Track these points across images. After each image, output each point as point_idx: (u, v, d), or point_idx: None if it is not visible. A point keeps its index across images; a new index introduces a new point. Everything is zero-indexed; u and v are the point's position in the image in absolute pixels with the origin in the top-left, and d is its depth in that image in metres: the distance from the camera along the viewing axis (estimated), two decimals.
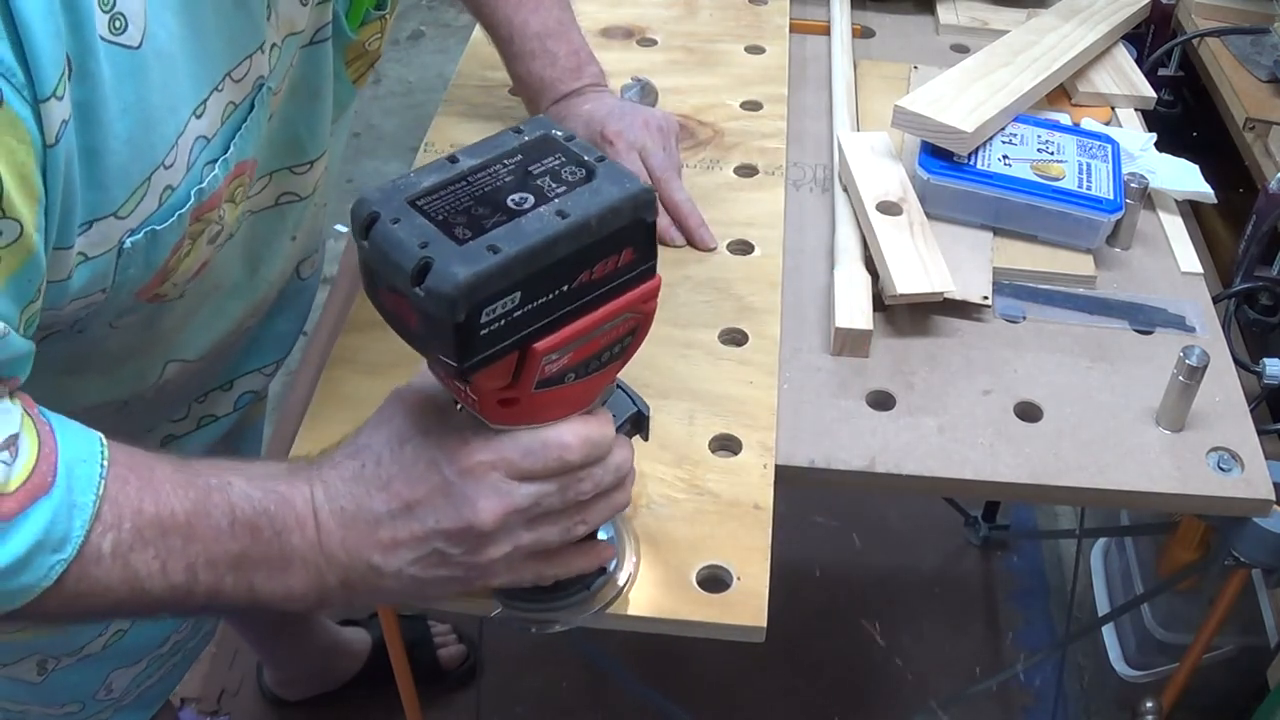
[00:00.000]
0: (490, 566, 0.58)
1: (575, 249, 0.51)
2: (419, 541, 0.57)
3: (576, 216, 0.51)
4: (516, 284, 0.49)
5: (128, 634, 0.92)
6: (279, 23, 0.65)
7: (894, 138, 1.04)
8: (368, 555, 0.57)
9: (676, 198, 0.98)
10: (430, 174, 0.53)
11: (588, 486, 0.59)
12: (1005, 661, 1.67)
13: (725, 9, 1.29)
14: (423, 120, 2.21)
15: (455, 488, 0.56)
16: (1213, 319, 0.94)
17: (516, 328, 0.51)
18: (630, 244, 0.53)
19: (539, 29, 1.00)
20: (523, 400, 0.54)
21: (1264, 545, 0.82)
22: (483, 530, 0.56)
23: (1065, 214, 0.96)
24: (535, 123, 0.56)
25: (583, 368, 0.56)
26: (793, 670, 1.63)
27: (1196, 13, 1.29)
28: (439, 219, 0.50)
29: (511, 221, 0.50)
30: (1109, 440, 0.83)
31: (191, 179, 0.60)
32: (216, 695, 1.61)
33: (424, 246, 0.49)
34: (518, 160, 0.54)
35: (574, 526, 0.60)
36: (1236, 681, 1.29)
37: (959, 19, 1.30)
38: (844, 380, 0.88)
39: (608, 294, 0.54)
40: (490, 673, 1.61)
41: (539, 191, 0.52)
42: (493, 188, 0.52)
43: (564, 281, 0.51)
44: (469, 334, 0.49)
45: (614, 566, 0.71)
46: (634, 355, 0.59)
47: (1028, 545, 1.83)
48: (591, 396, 0.59)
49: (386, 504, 0.56)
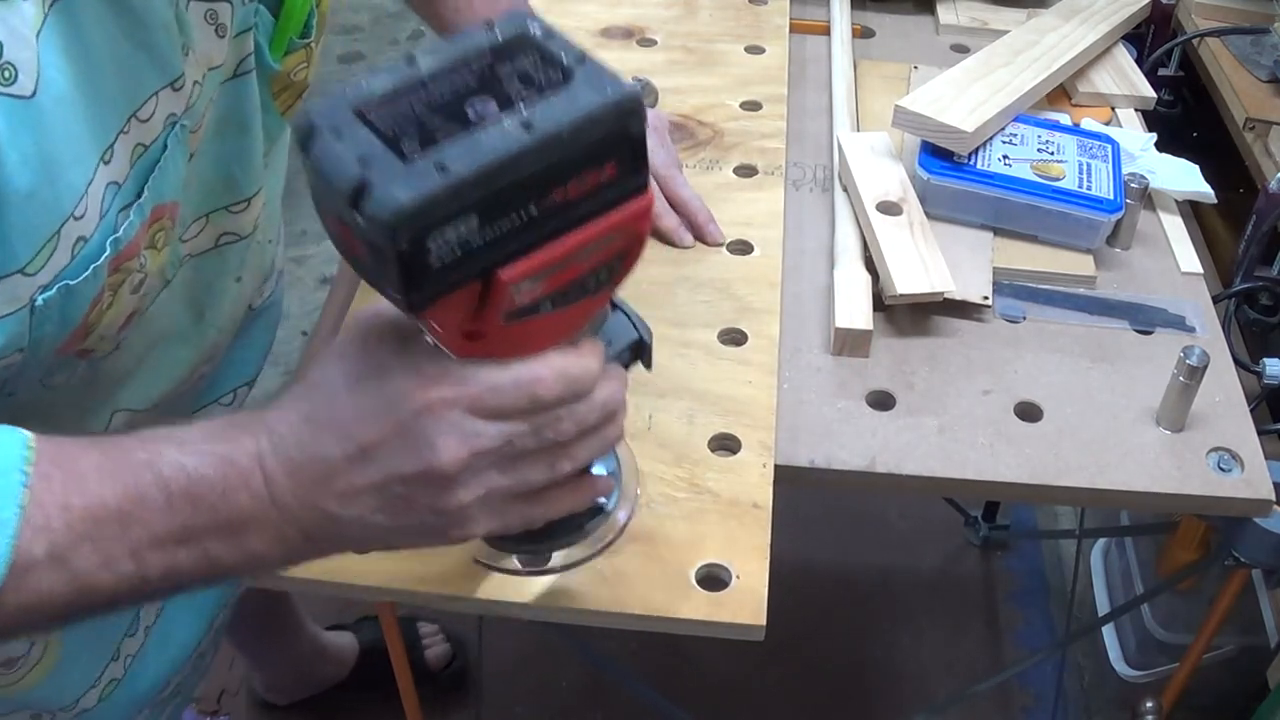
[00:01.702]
0: (463, 512, 0.53)
1: (543, 166, 0.44)
2: (377, 488, 0.51)
3: (545, 128, 0.44)
4: (471, 206, 0.43)
5: (123, 682, 0.87)
6: (196, 59, 0.63)
7: (894, 138, 1.04)
8: (324, 504, 0.52)
9: (683, 194, 0.98)
10: (384, 78, 0.46)
11: (568, 426, 0.53)
12: (1005, 661, 1.67)
13: (725, 9, 1.29)
14: None
15: (413, 427, 0.50)
16: (1213, 319, 0.94)
17: (476, 255, 0.45)
18: (613, 158, 0.46)
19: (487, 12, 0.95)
20: (490, 333, 0.49)
21: (1264, 545, 0.82)
22: (444, 472, 0.51)
23: (1065, 214, 0.96)
24: (511, 17, 0.48)
25: (560, 296, 0.50)
26: (792, 670, 1.63)
27: (1196, 13, 1.29)
28: (386, 132, 0.44)
29: (469, 134, 0.44)
30: (1109, 440, 0.83)
31: (105, 228, 0.57)
32: (216, 695, 1.61)
33: (364, 165, 0.43)
34: (486, 62, 0.47)
35: (557, 465, 0.55)
36: (1236, 681, 1.29)
37: (959, 19, 1.30)
38: (844, 380, 0.88)
39: (588, 214, 0.48)
40: (490, 673, 1.61)
41: (505, 98, 0.45)
42: (453, 94, 0.46)
43: (532, 202, 0.45)
44: (416, 265, 0.43)
45: (613, 503, 0.65)
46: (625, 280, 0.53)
47: (1028, 545, 1.83)
48: (574, 327, 0.53)
49: (340, 448, 0.51)
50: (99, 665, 0.84)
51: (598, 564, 0.72)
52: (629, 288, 0.93)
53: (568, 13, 1.27)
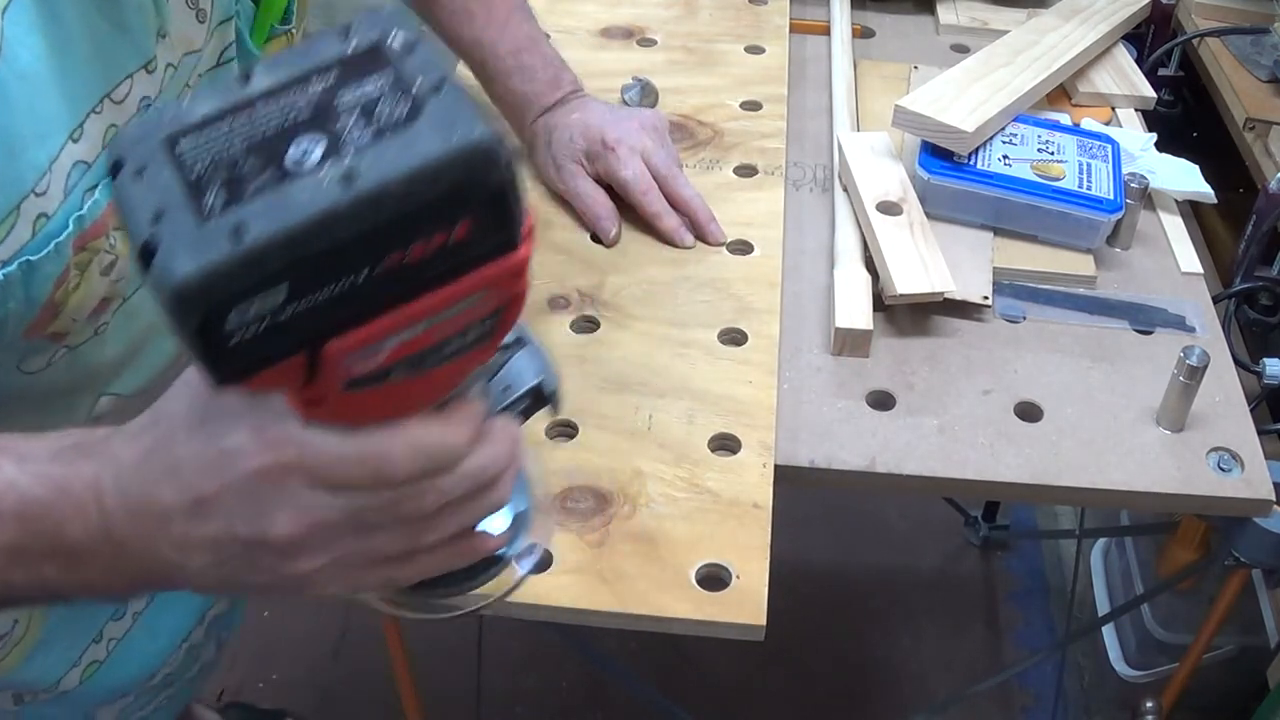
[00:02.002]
0: (311, 578, 0.48)
1: (367, 228, 0.36)
2: (215, 544, 0.46)
3: (368, 184, 0.36)
4: (275, 277, 0.36)
5: (105, 665, 0.87)
6: (174, 42, 0.63)
7: (894, 138, 1.04)
8: (161, 550, 0.47)
9: (685, 193, 0.98)
10: (211, 98, 0.39)
11: (428, 500, 0.47)
12: (1005, 661, 1.67)
13: (725, 9, 1.29)
14: None
15: (249, 490, 0.45)
16: (1213, 319, 0.94)
17: (289, 329, 0.37)
18: (466, 215, 0.38)
19: (511, 46, 0.99)
20: (330, 401, 0.41)
21: (1264, 545, 0.82)
22: (279, 545, 0.45)
23: (1065, 214, 0.96)
24: (372, 19, 0.40)
25: (416, 361, 0.42)
26: (792, 669, 1.64)
27: (1196, 13, 1.29)
28: (194, 173, 0.37)
29: (280, 186, 0.36)
30: (1109, 440, 0.83)
31: (70, 206, 0.56)
32: (217, 695, 1.61)
33: (156, 220, 0.36)
34: (329, 82, 0.39)
35: (418, 537, 0.48)
36: (1236, 681, 1.29)
37: (959, 19, 1.30)
38: (844, 380, 0.88)
39: (440, 276, 0.39)
40: (490, 673, 1.61)
41: (336, 137, 0.37)
42: (278, 127, 0.38)
43: (359, 268, 0.37)
44: (212, 342, 0.37)
45: (516, 548, 0.57)
46: (502, 339, 0.45)
47: (1028, 545, 1.83)
48: (442, 390, 0.45)
49: (175, 496, 0.45)
50: (80, 646, 0.85)
51: (598, 564, 0.73)
52: (630, 287, 0.94)
53: (568, 13, 1.27)
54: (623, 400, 0.84)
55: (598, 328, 0.90)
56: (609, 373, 0.86)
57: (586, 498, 0.77)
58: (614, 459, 0.79)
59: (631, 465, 0.79)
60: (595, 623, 0.71)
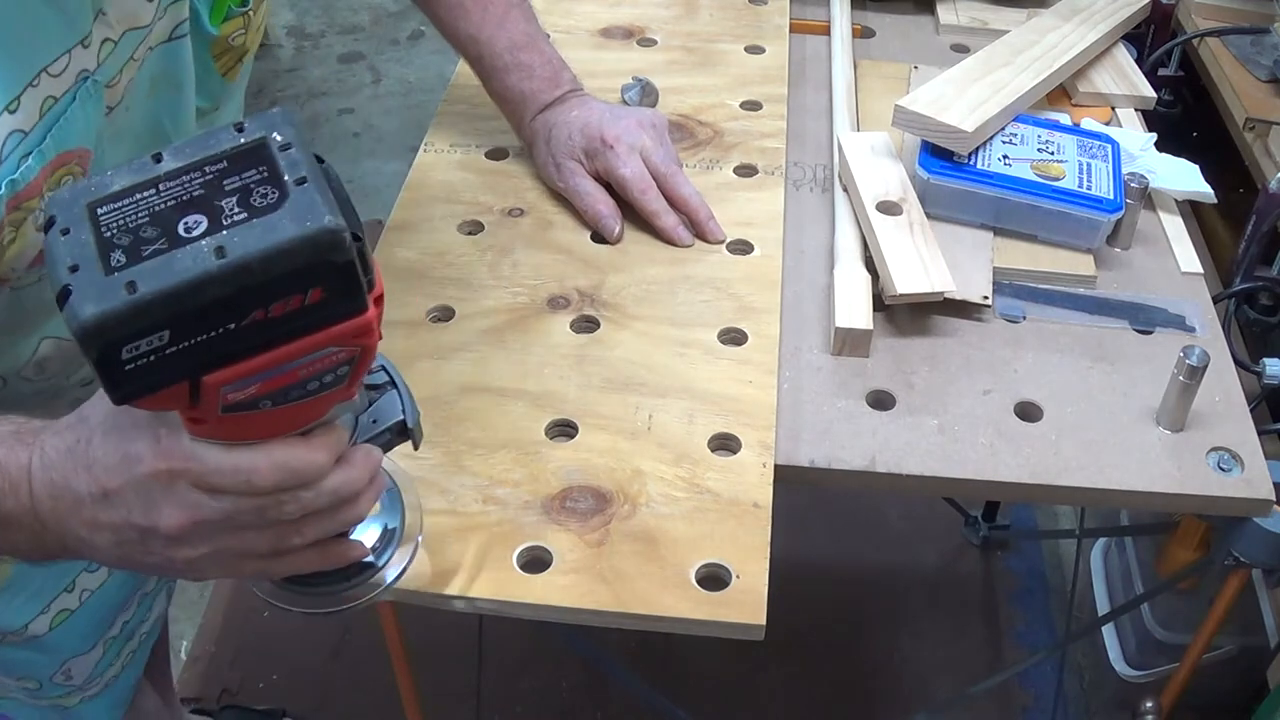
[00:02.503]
0: (194, 564, 0.58)
1: (233, 290, 0.46)
2: (115, 528, 0.56)
3: (235, 257, 0.46)
4: (159, 324, 0.46)
5: (76, 613, 0.92)
6: (116, 18, 0.66)
7: (894, 137, 1.04)
8: (74, 528, 0.57)
9: (684, 192, 0.98)
10: (128, 174, 0.49)
11: (291, 509, 0.57)
12: (1005, 661, 1.67)
13: (725, 9, 1.29)
14: (422, 120, 2.21)
15: (145, 488, 0.55)
16: (1213, 319, 0.94)
17: (172, 363, 0.48)
18: (317, 285, 0.48)
19: (508, 43, 1.00)
20: (210, 422, 0.52)
21: (1264, 545, 0.82)
22: (167, 534, 0.56)
23: (1065, 214, 0.96)
24: (262, 120, 0.50)
25: (281, 395, 0.52)
26: (792, 669, 1.64)
27: (1196, 13, 1.29)
28: (106, 235, 0.47)
29: (169, 253, 0.46)
30: (1109, 440, 0.83)
31: (5, 171, 0.60)
32: (217, 695, 1.61)
33: (73, 271, 0.46)
34: (220, 168, 0.49)
35: (285, 538, 0.58)
36: (1236, 681, 1.29)
37: (959, 19, 1.30)
38: (844, 380, 0.88)
39: (299, 329, 0.49)
40: (490, 673, 1.61)
41: (216, 215, 0.47)
42: (175, 202, 0.48)
43: (229, 320, 0.47)
44: (110, 369, 0.47)
45: (386, 559, 0.68)
46: (357, 383, 0.55)
47: (1028, 545, 1.83)
48: (307, 419, 0.55)
49: (87, 486, 0.56)
50: (50, 593, 0.89)
51: (598, 564, 0.73)
52: (630, 287, 0.94)
53: (568, 13, 1.27)
54: (622, 400, 0.84)
55: (597, 327, 0.90)
56: (609, 373, 0.86)
57: (586, 498, 0.77)
58: (614, 459, 0.79)
59: (631, 465, 0.79)
60: (595, 623, 0.71)
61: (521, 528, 0.75)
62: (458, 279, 0.94)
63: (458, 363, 0.87)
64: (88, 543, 0.57)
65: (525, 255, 0.97)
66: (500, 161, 1.08)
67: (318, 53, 3.06)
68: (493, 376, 0.86)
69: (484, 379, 0.86)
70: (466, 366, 0.87)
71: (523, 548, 0.74)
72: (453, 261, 0.96)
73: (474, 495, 0.77)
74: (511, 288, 0.94)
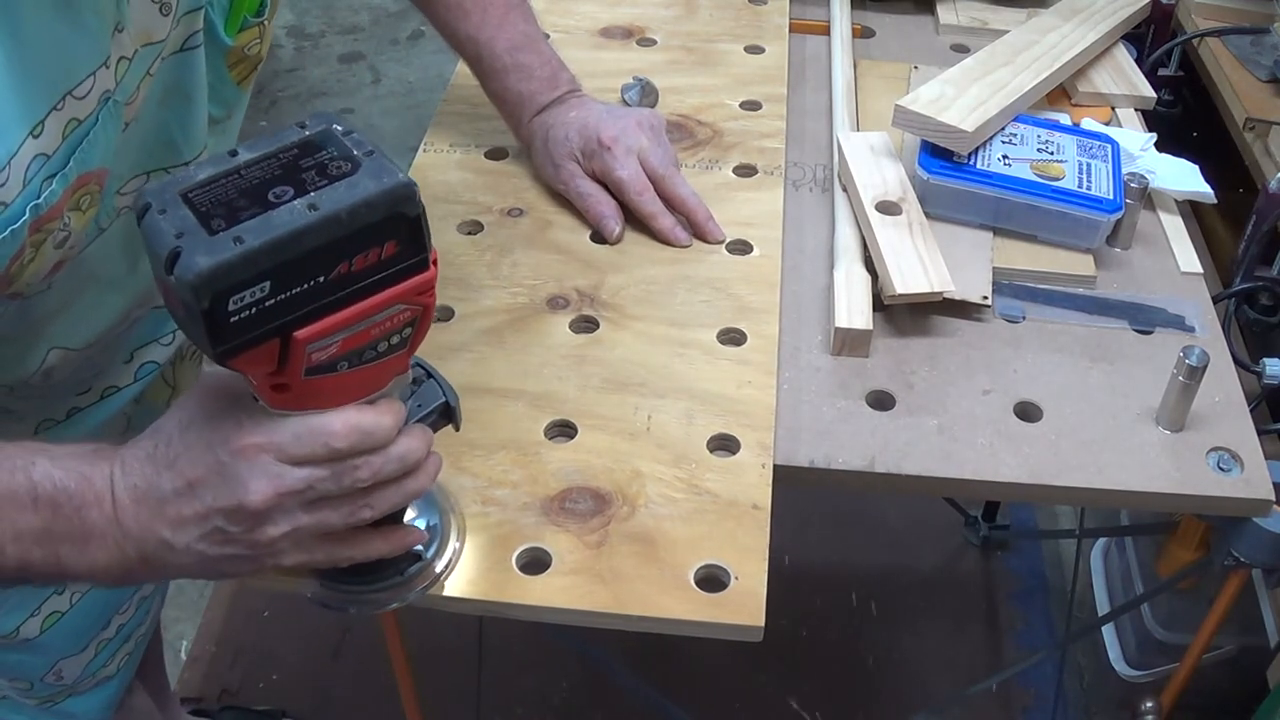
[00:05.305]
0: (273, 545, 0.60)
1: (326, 241, 0.51)
2: (201, 519, 0.59)
3: (326, 209, 0.51)
4: (264, 274, 0.50)
5: (66, 615, 0.92)
6: (132, 36, 0.66)
7: (894, 137, 1.04)
8: (158, 530, 0.59)
9: (681, 192, 0.98)
10: (209, 167, 0.54)
11: (365, 474, 0.60)
12: (1005, 661, 1.67)
13: (725, 9, 1.29)
14: (422, 120, 2.21)
15: (229, 468, 0.58)
16: (1213, 319, 0.94)
17: (271, 316, 0.52)
18: (392, 237, 0.54)
19: (507, 44, 1.00)
20: (294, 386, 0.56)
21: (1264, 545, 0.82)
22: (254, 509, 0.58)
23: (1065, 214, 0.96)
24: (320, 117, 0.56)
25: (356, 356, 0.57)
26: (792, 670, 1.63)
27: (1196, 13, 1.29)
28: (202, 210, 0.51)
29: (265, 213, 0.51)
30: (1109, 440, 0.83)
31: (28, 194, 0.61)
32: (217, 695, 1.61)
33: (179, 237, 0.50)
34: (293, 154, 0.54)
35: (357, 511, 0.62)
36: (1236, 681, 1.29)
37: (959, 19, 1.30)
38: (844, 380, 0.88)
39: (373, 285, 0.55)
40: (490, 673, 1.61)
41: (301, 185, 0.53)
42: (260, 181, 0.53)
43: (320, 272, 0.52)
44: (217, 321, 0.50)
45: (432, 552, 0.72)
46: (419, 345, 0.60)
47: (1028, 545, 1.83)
48: (373, 386, 0.59)
49: (172, 482, 0.59)
50: (39, 596, 0.90)
51: (597, 565, 0.73)
52: (629, 287, 0.93)
53: (568, 12, 1.27)
54: (622, 400, 0.84)
55: (597, 328, 0.90)
56: (608, 373, 0.86)
57: (585, 498, 0.77)
58: (613, 459, 0.79)
59: (630, 466, 0.79)
60: (594, 624, 0.71)
61: (520, 529, 0.75)
62: (457, 279, 0.94)
63: (457, 363, 0.87)
64: (170, 545, 0.59)
65: (524, 255, 0.97)
66: (500, 162, 1.08)
67: (318, 53, 3.06)
68: (492, 377, 0.86)
69: (483, 379, 0.85)
70: (466, 367, 0.86)
71: (522, 549, 0.74)
72: (452, 261, 0.96)
73: (473, 496, 0.77)
74: (511, 288, 0.94)
